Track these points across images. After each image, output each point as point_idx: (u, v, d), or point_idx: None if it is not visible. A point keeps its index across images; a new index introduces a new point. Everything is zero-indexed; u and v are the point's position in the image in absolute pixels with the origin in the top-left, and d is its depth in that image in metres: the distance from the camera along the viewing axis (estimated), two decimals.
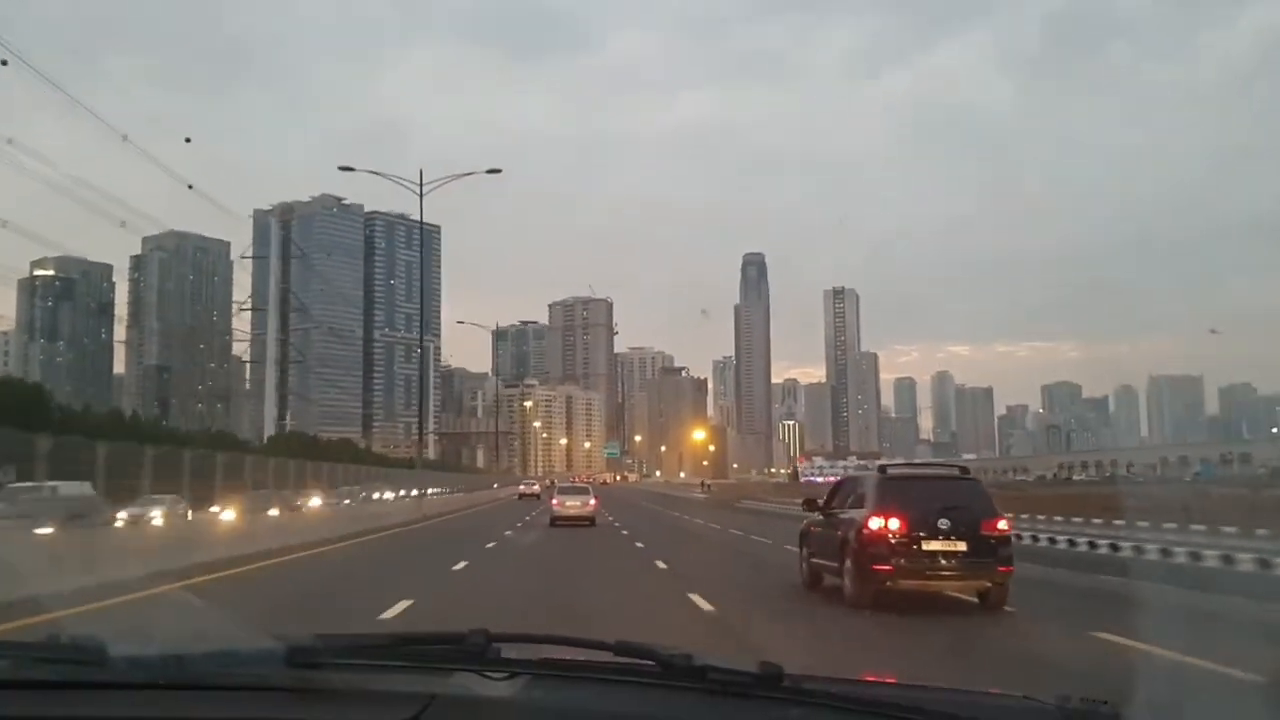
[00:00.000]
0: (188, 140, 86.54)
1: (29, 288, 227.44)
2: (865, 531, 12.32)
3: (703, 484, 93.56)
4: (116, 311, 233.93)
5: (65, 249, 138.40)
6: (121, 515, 28.45)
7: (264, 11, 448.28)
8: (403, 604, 12.47)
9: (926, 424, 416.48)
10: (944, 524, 12.09)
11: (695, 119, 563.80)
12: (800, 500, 19.73)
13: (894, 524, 12.15)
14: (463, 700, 1.73)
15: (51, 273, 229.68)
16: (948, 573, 12.21)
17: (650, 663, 1.75)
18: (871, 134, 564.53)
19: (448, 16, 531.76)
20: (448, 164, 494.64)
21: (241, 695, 1.75)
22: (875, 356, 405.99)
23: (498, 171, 48.81)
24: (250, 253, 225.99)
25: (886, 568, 12.11)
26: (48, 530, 19.79)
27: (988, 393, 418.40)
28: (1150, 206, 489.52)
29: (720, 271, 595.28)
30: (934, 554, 12.06)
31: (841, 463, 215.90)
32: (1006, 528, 12.77)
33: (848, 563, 12.71)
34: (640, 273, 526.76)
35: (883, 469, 14.08)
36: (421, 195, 42.40)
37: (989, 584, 12.41)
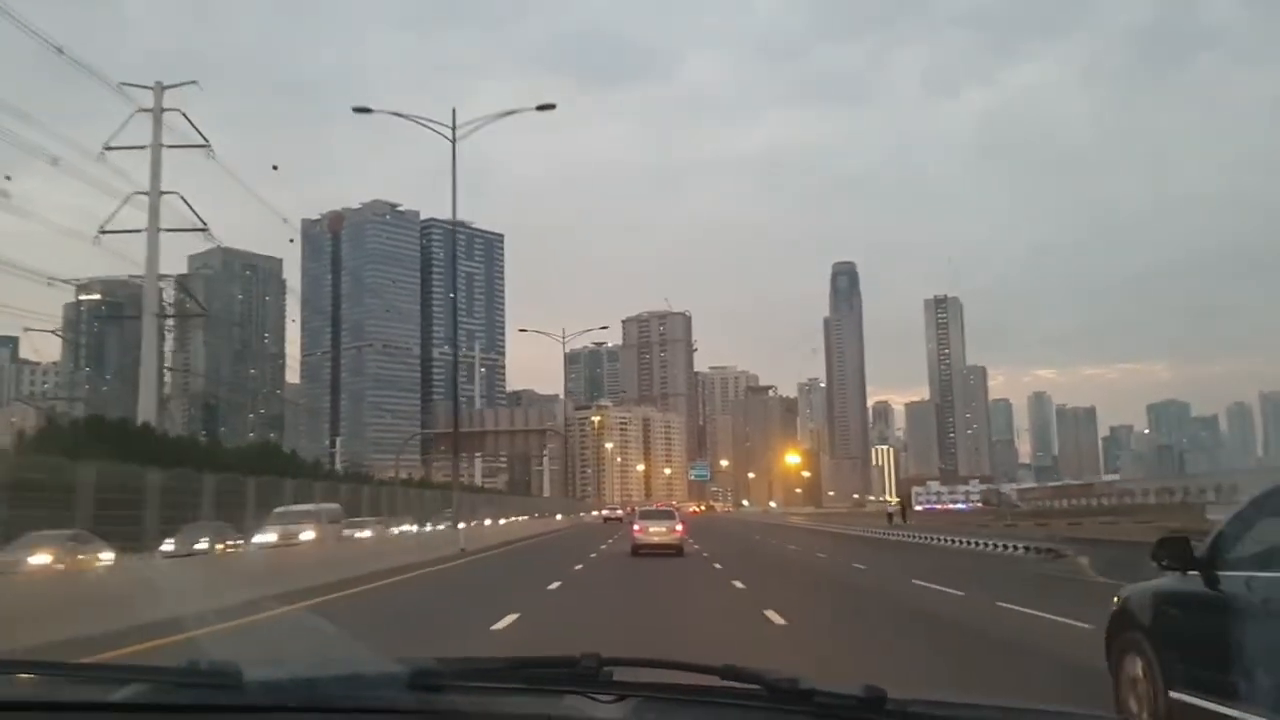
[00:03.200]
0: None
1: (74, 313, 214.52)
2: None
3: (901, 511, 70.44)
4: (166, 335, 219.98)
5: (128, 264, 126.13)
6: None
7: (341, 48, 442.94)
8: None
9: (1024, 447, 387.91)
10: None
11: (772, 140, 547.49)
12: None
13: None
14: None
15: (98, 297, 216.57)
16: None
17: (757, 686, 1.76)
18: (952, 153, 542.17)
19: (524, 47, 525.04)
20: (526, 190, 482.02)
21: (368, 718, 1.84)
22: (984, 370, 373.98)
23: (551, 107, 43.63)
24: (300, 269, 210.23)
25: None
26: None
27: (1090, 413, 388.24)
28: (1243, 219, 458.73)
29: (802, 293, 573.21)
30: None
31: (963, 488, 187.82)
32: None
33: None
34: (719, 295, 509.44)
35: None
36: (454, 141, 39.26)
37: None
